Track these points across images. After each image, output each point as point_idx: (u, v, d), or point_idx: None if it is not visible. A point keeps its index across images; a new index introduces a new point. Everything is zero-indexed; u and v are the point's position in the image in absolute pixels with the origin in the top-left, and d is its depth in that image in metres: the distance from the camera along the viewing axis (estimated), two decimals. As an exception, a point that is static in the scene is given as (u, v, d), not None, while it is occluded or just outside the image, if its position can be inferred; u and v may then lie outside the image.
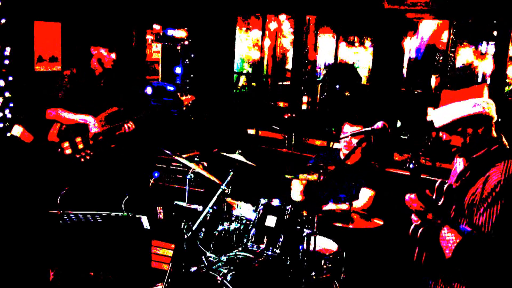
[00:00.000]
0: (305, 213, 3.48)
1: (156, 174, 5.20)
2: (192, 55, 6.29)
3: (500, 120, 2.46)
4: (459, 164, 2.57)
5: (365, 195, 4.02)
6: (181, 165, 5.01)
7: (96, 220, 2.90)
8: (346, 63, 8.20)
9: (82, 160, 4.23)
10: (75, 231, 2.96)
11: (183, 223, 3.74)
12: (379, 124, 2.90)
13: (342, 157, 4.19)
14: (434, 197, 2.51)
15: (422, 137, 5.54)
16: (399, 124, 6.25)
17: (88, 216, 2.88)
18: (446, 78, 5.50)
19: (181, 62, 6.23)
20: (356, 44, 8.50)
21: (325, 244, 3.65)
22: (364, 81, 7.56)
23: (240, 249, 3.46)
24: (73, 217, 2.89)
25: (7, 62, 4.62)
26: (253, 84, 8.43)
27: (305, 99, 6.28)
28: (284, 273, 3.32)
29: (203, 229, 3.84)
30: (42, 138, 4.31)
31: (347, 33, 8.28)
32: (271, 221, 3.51)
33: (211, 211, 3.84)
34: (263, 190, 4.05)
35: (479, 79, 7.24)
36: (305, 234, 3.22)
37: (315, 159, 4.37)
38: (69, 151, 4.21)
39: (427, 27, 7.27)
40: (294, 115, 6.21)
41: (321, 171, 3.33)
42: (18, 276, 3.90)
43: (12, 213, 4.28)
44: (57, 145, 4.21)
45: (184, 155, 4.79)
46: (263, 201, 3.62)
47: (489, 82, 5.91)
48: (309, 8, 6.16)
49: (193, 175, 4.44)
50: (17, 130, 4.47)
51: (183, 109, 4.75)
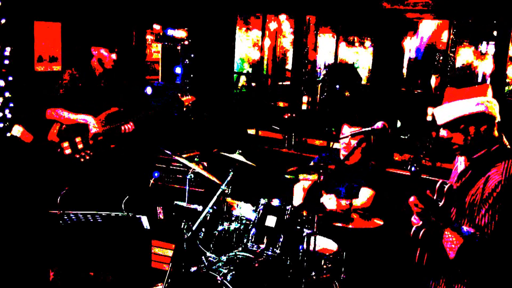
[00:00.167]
0: (305, 213, 3.48)
1: (156, 174, 5.20)
2: (192, 55, 6.29)
3: (500, 120, 2.45)
4: (460, 164, 2.57)
5: (365, 194, 4.02)
6: (181, 165, 5.01)
7: (96, 220, 2.90)
8: (346, 63, 8.19)
9: (82, 160, 4.23)
10: (75, 231, 2.96)
11: (183, 223, 3.74)
12: (379, 124, 2.90)
13: (342, 157, 4.19)
14: (435, 198, 2.51)
15: (422, 138, 5.54)
16: (399, 124, 6.25)
17: (88, 216, 2.88)
18: (446, 78, 5.50)
19: (181, 62, 6.23)
20: (356, 44, 8.50)
21: (325, 244, 3.65)
22: (364, 81, 7.56)
23: (240, 249, 3.46)
24: (73, 217, 2.89)
25: (7, 62, 4.62)
26: (253, 84, 8.42)
27: (305, 99, 6.27)
28: (284, 273, 3.32)
29: (203, 229, 3.84)
30: (42, 138, 4.31)
31: (347, 33, 8.27)
32: (271, 221, 3.51)
33: (211, 211, 3.84)
34: (263, 190, 4.05)
35: (479, 79, 7.24)
36: (305, 234, 3.22)
37: (317, 159, 4.36)
38: (68, 151, 4.21)
39: (427, 27, 7.27)
40: (294, 115, 6.21)
41: (321, 171, 3.33)
42: (18, 276, 3.90)
43: (12, 213, 4.28)
44: (57, 145, 4.21)
45: (184, 155, 4.79)
46: (263, 201, 3.62)
47: (489, 82, 5.91)
48: (309, 8, 6.15)
49: (193, 175, 4.44)
50: (17, 130, 4.47)
51: (183, 110, 4.75)
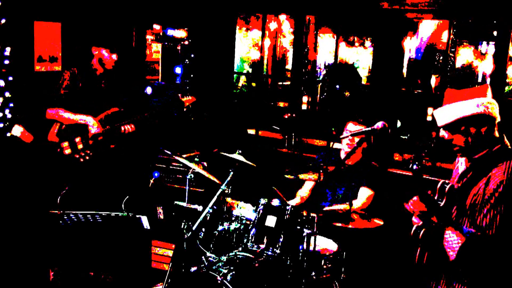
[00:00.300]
0: (305, 213, 3.48)
1: (156, 174, 5.19)
2: (192, 55, 6.29)
3: (500, 120, 2.45)
4: (461, 164, 2.57)
5: (364, 194, 4.02)
6: (181, 165, 5.01)
7: (96, 220, 2.89)
8: (346, 63, 8.19)
9: (82, 160, 4.23)
10: (75, 231, 2.96)
11: (183, 223, 3.74)
12: (379, 124, 2.90)
13: (343, 157, 4.19)
14: (436, 198, 2.51)
15: (423, 137, 5.54)
16: (399, 124, 6.25)
17: (88, 216, 2.88)
18: (446, 78, 5.50)
19: (181, 62, 6.23)
20: (356, 44, 8.50)
21: (325, 244, 3.65)
22: (364, 81, 7.57)
23: (240, 249, 3.45)
24: (73, 217, 2.88)
25: (7, 62, 4.61)
26: (253, 84, 8.42)
27: (305, 99, 6.27)
28: (284, 273, 3.32)
29: (203, 229, 3.84)
30: (42, 138, 4.31)
31: (347, 33, 8.28)
32: (271, 221, 3.51)
33: (211, 211, 3.84)
34: (263, 190, 4.05)
35: (479, 79, 7.24)
36: (305, 234, 3.22)
37: (317, 158, 4.37)
38: (68, 151, 4.21)
39: (427, 27, 7.27)
40: (294, 115, 6.20)
41: (321, 171, 3.33)
42: (18, 276, 3.90)
43: (12, 213, 4.28)
44: (56, 145, 4.21)
45: (184, 155, 4.79)
46: (263, 201, 3.61)
47: (489, 82, 5.91)
48: (309, 8, 6.15)
49: (193, 175, 4.43)
50: (17, 130, 4.47)
51: (184, 111, 4.75)
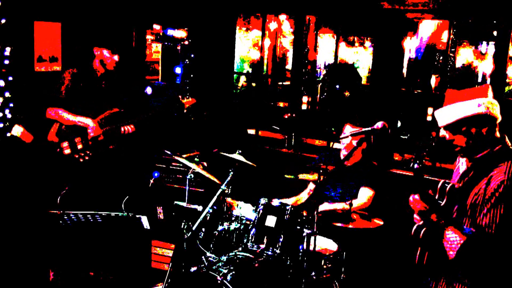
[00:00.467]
0: (305, 213, 3.48)
1: (156, 174, 5.19)
2: (192, 55, 6.29)
3: (501, 120, 2.45)
4: (462, 164, 2.56)
5: (365, 194, 4.02)
6: (181, 165, 5.00)
7: (96, 220, 2.89)
8: (346, 63, 8.19)
9: (81, 160, 4.23)
10: (75, 231, 2.96)
11: (183, 223, 3.73)
12: (379, 124, 2.90)
13: (342, 157, 4.19)
14: (437, 197, 2.51)
15: (423, 137, 5.53)
16: (399, 124, 6.25)
17: (88, 216, 2.88)
18: (446, 78, 5.50)
19: (181, 62, 6.23)
20: (356, 44, 8.50)
21: (325, 244, 3.65)
22: (364, 81, 7.56)
23: (240, 249, 3.45)
24: (73, 217, 2.88)
25: (7, 62, 4.62)
26: (253, 84, 8.42)
27: (305, 99, 6.27)
28: (284, 273, 3.32)
29: (203, 229, 3.84)
30: (42, 138, 4.31)
31: (347, 33, 8.27)
32: (271, 221, 3.51)
33: (211, 211, 3.84)
34: (263, 190, 4.05)
35: (479, 79, 7.24)
36: (305, 234, 3.22)
37: (318, 159, 4.37)
38: (68, 151, 4.21)
39: (427, 27, 7.27)
40: (294, 115, 6.20)
41: (321, 171, 3.33)
42: (18, 276, 3.90)
43: (12, 213, 4.28)
44: (56, 145, 4.21)
45: (184, 155, 4.79)
46: (263, 201, 3.61)
47: (489, 82, 5.91)
48: (309, 8, 6.15)
49: (193, 175, 4.43)
50: (17, 130, 4.47)
51: (184, 112, 4.75)
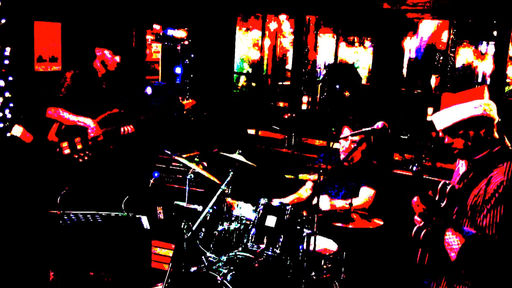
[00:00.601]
0: (305, 213, 3.48)
1: (156, 174, 5.19)
2: (192, 55, 6.29)
3: (500, 120, 2.45)
4: (462, 166, 2.56)
5: (365, 193, 4.02)
6: (181, 165, 5.00)
7: (96, 220, 2.89)
8: (346, 63, 8.19)
9: (81, 160, 4.22)
10: (75, 231, 2.96)
11: (183, 223, 3.73)
12: (379, 124, 2.90)
13: (342, 157, 4.19)
14: (437, 198, 2.51)
15: (423, 138, 5.53)
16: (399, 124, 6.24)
17: (88, 216, 2.88)
18: (446, 78, 5.50)
19: (181, 62, 6.23)
20: (356, 44, 8.50)
21: (325, 244, 3.65)
22: (364, 81, 7.56)
23: (240, 249, 3.45)
24: (73, 217, 2.89)
25: (7, 62, 4.61)
26: (253, 84, 8.42)
27: (305, 99, 6.27)
28: (284, 273, 3.32)
29: (203, 229, 3.84)
30: (42, 138, 4.30)
31: (347, 33, 8.27)
32: (271, 221, 3.51)
33: (211, 211, 3.84)
34: (263, 190, 4.05)
35: (479, 79, 7.24)
36: (305, 234, 3.22)
37: (318, 159, 4.37)
38: (67, 151, 4.21)
39: (427, 27, 7.27)
40: (294, 115, 6.20)
41: (321, 171, 3.33)
42: (18, 276, 3.90)
43: (12, 213, 4.28)
44: (56, 144, 4.21)
45: (184, 155, 4.79)
46: (263, 201, 3.61)
47: (489, 82, 5.92)
48: (309, 8, 6.15)
49: (193, 175, 4.43)
50: (17, 130, 4.47)
51: (184, 113, 4.76)
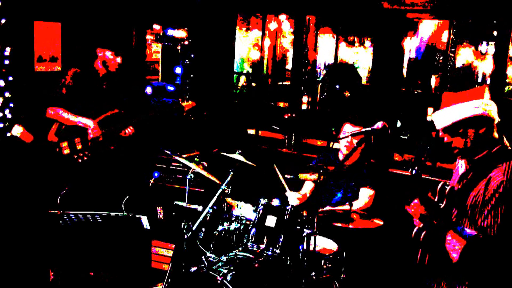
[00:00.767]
0: (305, 213, 3.48)
1: (156, 174, 5.19)
2: (192, 55, 6.29)
3: (500, 120, 2.45)
4: (461, 166, 2.56)
5: (365, 194, 4.02)
6: (181, 165, 5.01)
7: (96, 220, 2.90)
8: (346, 63, 8.19)
9: (80, 160, 4.22)
10: (75, 231, 2.96)
11: (183, 223, 3.74)
12: (379, 124, 2.90)
13: (341, 157, 4.19)
14: (436, 199, 2.50)
15: (423, 137, 5.53)
16: (399, 124, 6.25)
17: (88, 216, 2.88)
18: (446, 78, 5.50)
19: (181, 62, 6.23)
20: (356, 44, 8.50)
21: (325, 244, 3.65)
22: (364, 81, 7.56)
23: (240, 249, 3.46)
24: (73, 217, 2.89)
25: (7, 62, 4.62)
26: (253, 84, 8.41)
27: (305, 99, 6.27)
28: (284, 273, 3.32)
29: (203, 229, 3.84)
30: (42, 138, 4.31)
31: (347, 33, 8.27)
32: (271, 221, 3.51)
33: (211, 211, 3.84)
34: (263, 190, 4.05)
35: (479, 79, 7.24)
36: (305, 234, 3.22)
37: (317, 159, 4.36)
38: (67, 151, 4.20)
39: (427, 27, 7.27)
40: (294, 115, 6.20)
41: (321, 171, 3.33)
42: (18, 276, 3.90)
43: (12, 213, 4.28)
44: (55, 144, 4.21)
45: (184, 155, 4.79)
46: (263, 201, 3.62)
47: (489, 82, 5.91)
48: (309, 8, 6.15)
49: (193, 175, 4.44)
50: (17, 130, 4.47)
51: (183, 115, 4.76)
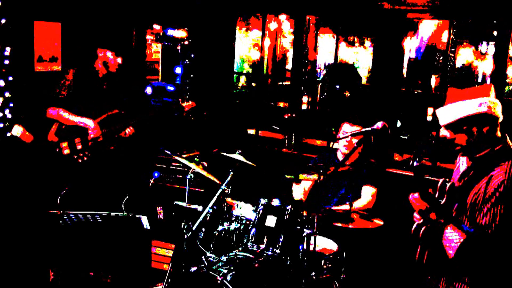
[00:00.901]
0: (305, 213, 3.48)
1: (156, 174, 5.19)
2: (192, 55, 6.29)
3: (502, 119, 2.45)
4: (462, 164, 2.56)
5: (368, 192, 4.01)
6: (181, 165, 5.01)
7: (96, 220, 2.90)
8: (346, 63, 8.19)
9: (80, 161, 4.22)
10: (75, 231, 2.96)
11: (183, 223, 3.74)
12: (379, 124, 2.90)
13: (340, 157, 4.19)
14: (437, 196, 2.50)
15: (423, 137, 5.53)
16: (399, 124, 6.25)
17: (88, 216, 2.88)
18: (446, 78, 5.50)
19: (181, 62, 6.24)
20: (356, 44, 8.49)
21: (325, 244, 3.65)
22: (364, 81, 7.56)
23: (240, 249, 3.46)
24: (73, 217, 2.89)
25: (7, 62, 4.61)
26: (253, 84, 8.42)
27: (305, 99, 6.27)
28: (284, 273, 3.32)
29: (203, 229, 3.84)
30: (42, 138, 4.31)
31: (347, 33, 8.27)
32: (271, 221, 3.51)
33: (211, 211, 3.84)
34: (263, 190, 4.04)
35: (479, 79, 7.24)
36: (305, 234, 3.22)
37: (315, 159, 4.36)
38: (67, 151, 4.21)
39: (427, 27, 7.27)
40: (294, 115, 6.20)
41: (321, 171, 3.33)
42: (18, 276, 3.90)
43: (12, 213, 4.28)
44: (55, 144, 4.21)
45: (184, 155, 4.79)
46: (263, 201, 3.61)
47: (489, 82, 5.91)
48: (309, 8, 6.15)
49: (193, 175, 4.43)
50: (17, 130, 4.47)
51: (183, 115, 4.77)
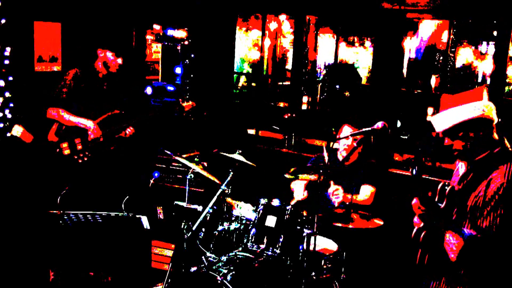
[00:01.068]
0: (305, 213, 3.48)
1: (156, 174, 5.19)
2: (192, 55, 6.30)
3: (500, 121, 2.45)
4: (461, 167, 2.56)
5: (366, 191, 4.01)
6: (181, 165, 5.01)
7: (96, 220, 2.90)
8: (346, 63, 8.19)
9: (80, 161, 4.23)
10: (75, 231, 2.96)
11: (183, 223, 3.74)
12: (379, 124, 2.90)
13: (340, 157, 4.19)
14: (437, 199, 2.50)
15: (423, 138, 5.53)
16: (399, 124, 6.25)
17: (88, 216, 2.88)
18: (446, 78, 5.50)
19: (181, 62, 6.24)
20: (356, 44, 8.49)
21: (325, 244, 3.65)
22: (364, 81, 7.56)
23: (240, 249, 3.46)
24: (73, 217, 2.89)
25: (7, 62, 4.62)
26: (253, 84, 8.42)
27: (305, 99, 6.27)
28: (284, 273, 3.32)
29: (203, 229, 3.84)
30: (42, 138, 4.31)
31: (347, 33, 8.27)
32: (271, 221, 3.51)
33: (211, 211, 3.84)
34: (263, 190, 4.05)
35: (479, 79, 7.24)
36: (305, 234, 3.22)
37: (315, 159, 4.36)
38: (67, 151, 4.21)
39: (427, 27, 7.27)
40: (294, 115, 6.20)
41: (320, 171, 3.33)
42: (18, 276, 3.90)
43: (12, 213, 4.28)
44: (56, 145, 4.21)
45: (184, 155, 4.79)
46: (263, 201, 3.62)
47: (489, 82, 5.92)
48: (309, 8, 6.16)
49: (193, 175, 4.44)
50: (17, 130, 4.47)
51: (183, 115, 4.77)
